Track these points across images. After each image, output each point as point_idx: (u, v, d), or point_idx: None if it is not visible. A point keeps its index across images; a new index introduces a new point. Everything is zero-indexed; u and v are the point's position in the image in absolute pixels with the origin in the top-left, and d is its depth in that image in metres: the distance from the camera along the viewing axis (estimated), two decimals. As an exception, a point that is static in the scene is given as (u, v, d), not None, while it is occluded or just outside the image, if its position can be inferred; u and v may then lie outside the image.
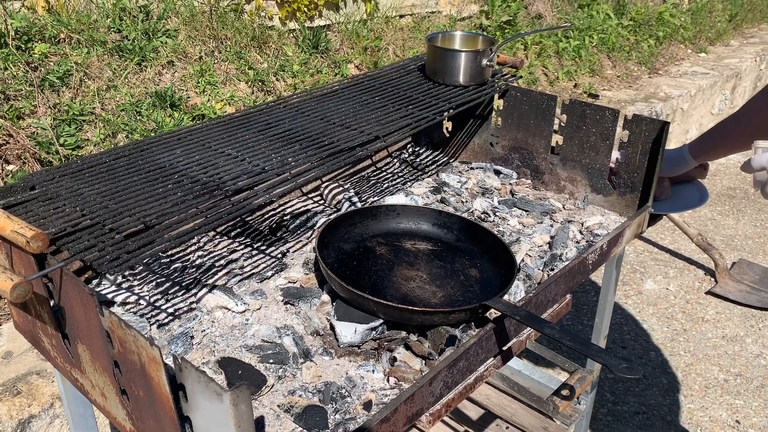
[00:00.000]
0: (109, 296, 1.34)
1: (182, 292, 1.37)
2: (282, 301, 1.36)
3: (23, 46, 2.70)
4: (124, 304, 1.33)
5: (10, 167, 2.40)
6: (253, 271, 1.46)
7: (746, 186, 4.66)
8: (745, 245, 3.88)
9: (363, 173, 1.95)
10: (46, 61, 2.74)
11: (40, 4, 2.90)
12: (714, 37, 6.32)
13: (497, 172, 1.94)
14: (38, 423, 1.84)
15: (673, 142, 4.88)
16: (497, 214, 1.72)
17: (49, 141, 2.48)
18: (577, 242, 1.60)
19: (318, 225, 1.65)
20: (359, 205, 1.73)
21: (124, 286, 1.38)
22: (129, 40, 3.00)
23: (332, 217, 1.61)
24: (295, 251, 1.55)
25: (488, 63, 1.81)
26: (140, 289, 1.38)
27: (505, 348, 1.30)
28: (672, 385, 2.80)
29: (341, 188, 1.79)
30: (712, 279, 3.53)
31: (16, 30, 2.69)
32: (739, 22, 6.87)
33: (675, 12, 5.96)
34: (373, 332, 1.25)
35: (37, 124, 2.53)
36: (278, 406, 1.09)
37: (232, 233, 1.60)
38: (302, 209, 1.73)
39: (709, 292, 3.42)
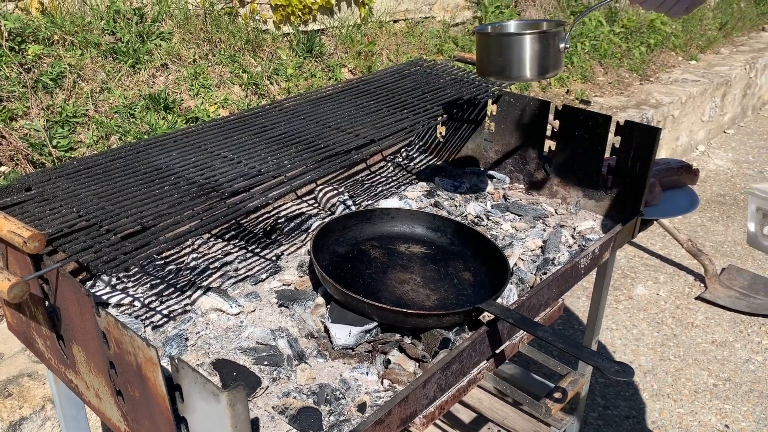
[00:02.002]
0: (104, 297, 1.34)
1: (177, 294, 1.38)
2: (276, 303, 1.36)
3: (16, 47, 2.70)
4: (118, 305, 1.33)
5: (3, 168, 2.39)
6: (247, 274, 1.46)
7: (736, 193, 4.70)
8: (735, 251, 3.92)
9: (357, 177, 1.96)
10: (40, 62, 2.73)
11: (34, 6, 2.89)
12: (704, 44, 6.38)
13: (490, 177, 1.95)
14: (29, 425, 1.83)
15: (663, 149, 4.92)
16: (490, 218, 1.74)
17: (41, 142, 2.48)
18: (570, 247, 1.62)
19: (312, 228, 1.65)
20: (353, 208, 1.74)
21: (119, 287, 1.39)
22: (123, 42, 3.00)
23: (327, 220, 1.62)
24: (289, 254, 1.56)
25: (565, 47, 1.47)
26: (135, 290, 1.38)
27: (498, 351, 1.31)
28: (662, 389, 2.82)
29: (336, 191, 1.80)
30: (702, 284, 3.55)
31: (10, 31, 2.69)
32: (730, 30, 6.94)
33: (666, 20, 6.01)
34: (368, 335, 1.26)
35: (30, 125, 2.52)
36: (273, 407, 1.09)
37: (227, 235, 1.61)
38: (297, 212, 1.73)
39: (698, 298, 3.44)
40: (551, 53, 1.43)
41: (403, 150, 2.10)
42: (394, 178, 1.97)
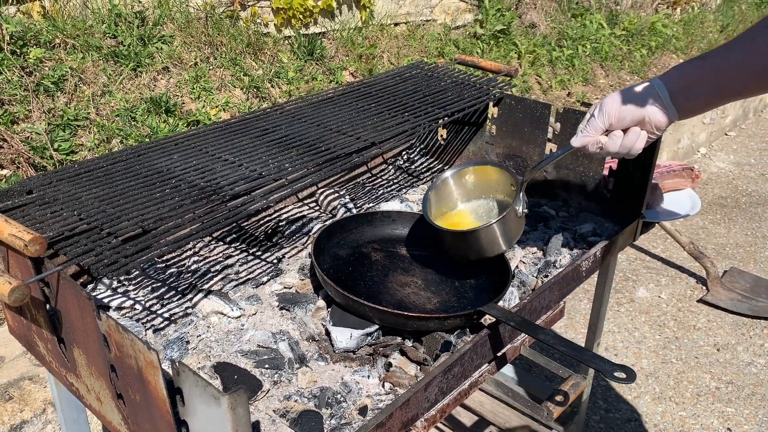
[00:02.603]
0: (105, 301, 1.34)
1: (178, 297, 1.38)
2: (277, 306, 1.36)
3: (18, 50, 2.70)
4: (119, 308, 1.33)
5: (4, 172, 2.39)
6: (248, 277, 1.46)
7: (737, 195, 4.69)
8: (737, 254, 3.91)
9: (358, 179, 1.96)
10: (41, 65, 2.74)
11: (36, 9, 2.90)
12: (706, 47, 6.37)
13: (492, 180, 1.95)
14: (30, 429, 1.83)
15: (665, 152, 4.92)
16: (492, 221, 1.73)
17: (43, 146, 2.48)
18: (571, 249, 1.61)
19: (314, 231, 1.65)
20: (355, 211, 1.74)
21: (120, 290, 1.38)
22: (124, 45, 3.01)
23: (328, 223, 1.62)
24: (290, 257, 1.56)
25: (524, 212, 1.41)
26: (136, 293, 1.38)
27: (499, 354, 1.31)
28: (664, 392, 2.81)
29: (337, 194, 1.80)
30: (704, 287, 3.55)
31: (11, 35, 2.69)
32: (731, 32, 6.94)
33: (667, 22, 6.02)
34: (369, 338, 1.25)
35: (32, 128, 2.52)
36: (274, 411, 1.09)
37: (228, 238, 1.61)
38: (298, 215, 1.73)
39: (700, 300, 3.44)
40: (513, 226, 1.41)
41: (404, 153, 2.10)
42: (395, 180, 1.97)
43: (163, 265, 1.48)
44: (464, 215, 1.55)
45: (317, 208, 1.79)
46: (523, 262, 1.57)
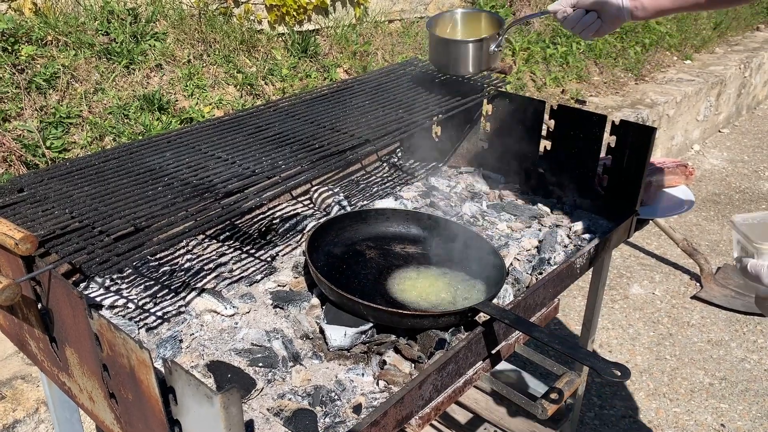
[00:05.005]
0: (98, 299, 1.33)
1: (171, 295, 1.37)
2: (271, 304, 1.36)
3: (9, 47, 2.68)
4: (112, 307, 1.32)
5: (-4, 170, 2.38)
6: (242, 275, 1.45)
7: (731, 192, 4.71)
8: (730, 250, 3.92)
9: (353, 177, 1.95)
10: (33, 63, 2.72)
11: (27, 6, 2.88)
12: (699, 44, 6.39)
13: (486, 177, 1.95)
14: (23, 428, 1.82)
15: (658, 148, 4.93)
16: (486, 218, 1.73)
17: (35, 143, 2.47)
18: (565, 246, 1.61)
19: (308, 228, 1.65)
20: (349, 208, 1.73)
21: (113, 289, 1.38)
22: (117, 42, 2.99)
23: (322, 220, 1.61)
24: (284, 255, 1.55)
25: (496, 48, 1.74)
26: (129, 292, 1.38)
27: (494, 351, 1.31)
28: (658, 389, 2.82)
29: (331, 192, 1.79)
30: (698, 284, 3.56)
31: (3, 32, 2.67)
32: (724, 30, 6.96)
33: (661, 19, 6.02)
34: (363, 336, 1.25)
35: (24, 126, 2.51)
36: (268, 409, 1.09)
37: (222, 236, 1.60)
38: (292, 213, 1.73)
39: (694, 297, 3.45)
40: (483, 55, 1.74)
41: (398, 150, 2.10)
42: (389, 178, 1.97)
43: (156, 263, 1.48)
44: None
45: (311, 205, 1.78)
46: (518, 260, 1.57)
